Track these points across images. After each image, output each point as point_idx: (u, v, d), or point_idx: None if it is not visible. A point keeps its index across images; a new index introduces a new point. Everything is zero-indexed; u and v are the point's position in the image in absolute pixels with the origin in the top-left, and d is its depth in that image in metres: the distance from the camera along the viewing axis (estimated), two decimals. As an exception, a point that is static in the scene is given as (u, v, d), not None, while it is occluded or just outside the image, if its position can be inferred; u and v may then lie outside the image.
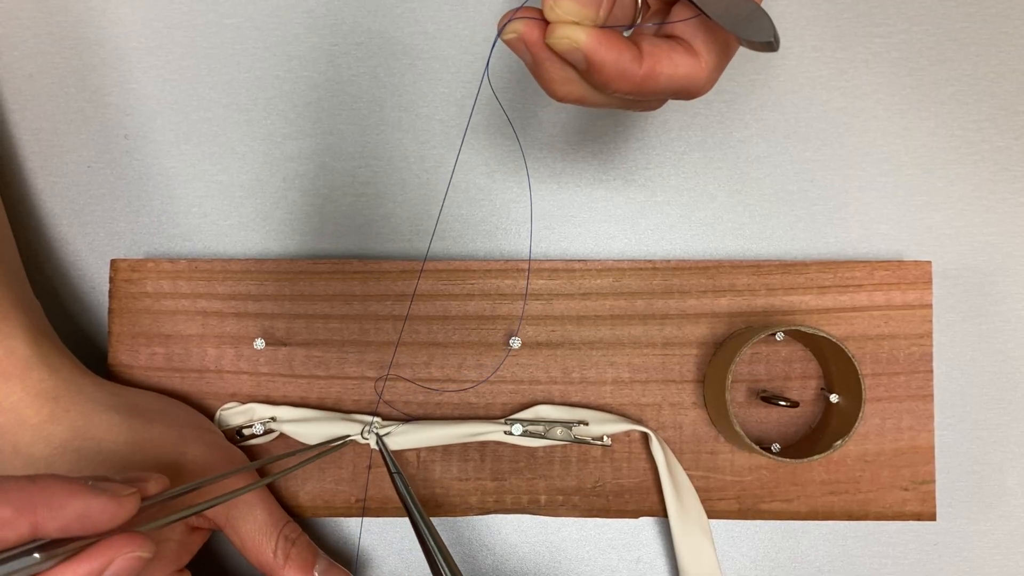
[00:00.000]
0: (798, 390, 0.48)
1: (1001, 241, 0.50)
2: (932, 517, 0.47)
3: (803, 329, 0.44)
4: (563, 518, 0.48)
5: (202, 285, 0.48)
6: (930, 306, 0.48)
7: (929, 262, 0.48)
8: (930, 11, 0.50)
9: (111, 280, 0.48)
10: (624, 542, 0.49)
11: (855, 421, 0.43)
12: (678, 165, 0.50)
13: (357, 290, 0.48)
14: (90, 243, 0.50)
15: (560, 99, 0.35)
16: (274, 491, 0.47)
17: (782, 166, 0.50)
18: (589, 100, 0.35)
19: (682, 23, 0.34)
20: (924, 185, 0.50)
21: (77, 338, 0.49)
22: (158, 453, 0.42)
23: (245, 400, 0.47)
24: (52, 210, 0.50)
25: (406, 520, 0.48)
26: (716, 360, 0.47)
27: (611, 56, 0.32)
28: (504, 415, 0.47)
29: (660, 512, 0.47)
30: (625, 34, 0.34)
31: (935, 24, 0.50)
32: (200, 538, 0.44)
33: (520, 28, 0.33)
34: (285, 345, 0.47)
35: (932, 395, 0.47)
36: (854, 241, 0.50)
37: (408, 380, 0.47)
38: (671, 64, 0.33)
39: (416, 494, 0.47)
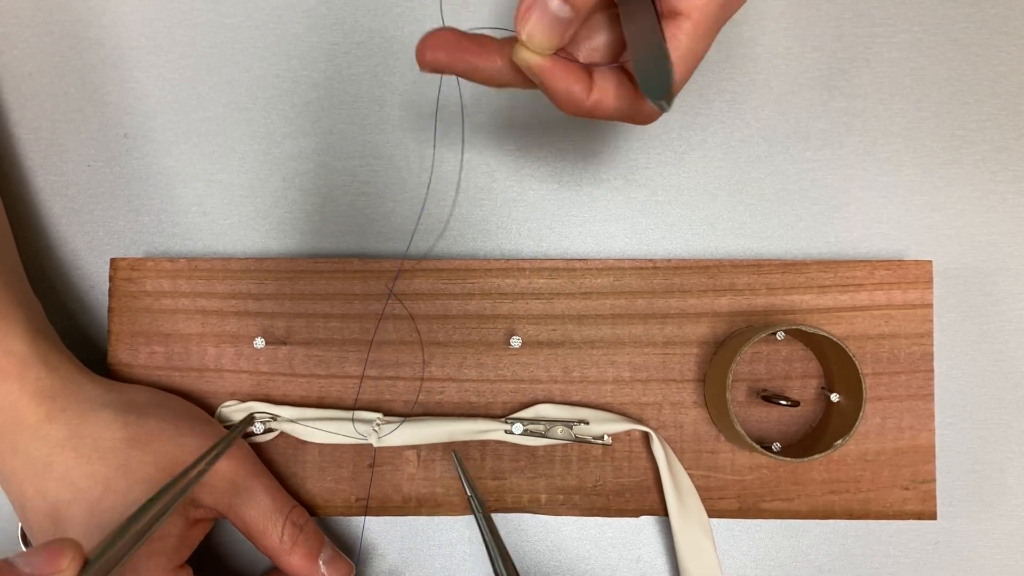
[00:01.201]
0: (799, 389, 0.48)
1: (1002, 241, 0.50)
2: (933, 516, 0.47)
3: (804, 328, 0.44)
4: (564, 517, 0.48)
5: (202, 284, 0.48)
6: (931, 305, 0.48)
7: (930, 261, 0.48)
8: (931, 12, 0.50)
9: (111, 279, 0.47)
10: (625, 541, 0.49)
11: (856, 420, 0.43)
12: (679, 164, 0.50)
13: (357, 289, 0.48)
14: (90, 242, 0.50)
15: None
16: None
17: (783, 165, 0.50)
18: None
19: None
20: (925, 185, 0.50)
21: (76, 337, 0.49)
22: (155, 447, 0.42)
23: (245, 399, 0.47)
24: (52, 209, 0.50)
25: (406, 519, 0.48)
26: (717, 359, 0.47)
27: (561, 86, 0.35)
28: (504, 414, 0.47)
29: (661, 511, 0.47)
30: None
31: (936, 24, 0.50)
32: (201, 531, 0.44)
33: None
34: (285, 344, 0.47)
35: (933, 394, 0.47)
36: (855, 240, 0.50)
37: (408, 379, 0.47)
38: (616, 98, 0.36)
39: (416, 493, 0.47)
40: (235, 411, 0.47)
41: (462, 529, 0.48)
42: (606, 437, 0.47)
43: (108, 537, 0.35)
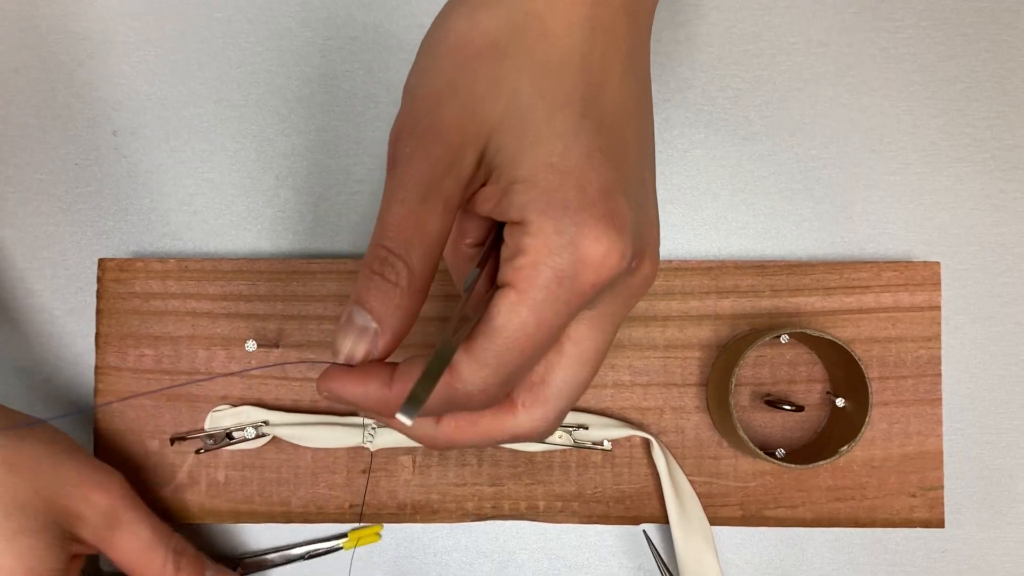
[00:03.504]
0: (803, 394, 0.47)
1: (1011, 241, 0.49)
2: (940, 524, 0.46)
3: (808, 331, 0.43)
4: (562, 524, 0.47)
5: (192, 285, 0.46)
6: (939, 308, 0.47)
7: (938, 263, 0.47)
8: (939, 6, 0.49)
9: (99, 280, 0.46)
10: (625, 549, 0.47)
11: (862, 426, 0.42)
12: (681, 163, 0.49)
13: (351, 290, 0.46)
14: (77, 242, 0.49)
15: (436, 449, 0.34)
16: (264, 495, 0.46)
17: (787, 164, 0.49)
18: (457, 444, 0.32)
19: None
20: (932, 184, 0.49)
21: (63, 339, 0.48)
22: (32, 472, 0.39)
23: (236, 403, 0.46)
24: (39, 208, 0.49)
25: (400, 526, 0.47)
26: (719, 363, 0.46)
27: (358, 389, 0.30)
28: (502, 419, 0.46)
29: (662, 519, 0.46)
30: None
31: (944, 19, 0.49)
32: (77, 566, 0.42)
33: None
34: (277, 347, 0.46)
35: (941, 399, 0.46)
36: (861, 241, 0.49)
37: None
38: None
39: (412, 500, 0.46)
40: (226, 415, 0.46)
41: (458, 536, 0.47)
42: (606, 442, 0.46)
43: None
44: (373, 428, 0.45)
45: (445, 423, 0.31)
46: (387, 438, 0.45)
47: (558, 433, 0.45)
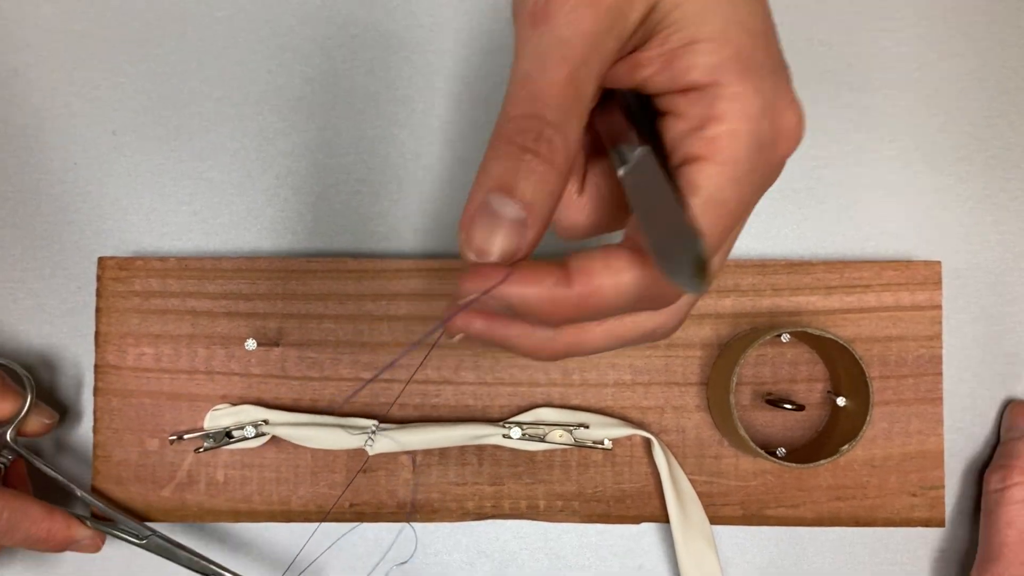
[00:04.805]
0: (804, 393, 0.47)
1: (1012, 240, 0.49)
2: (941, 523, 0.46)
3: (809, 330, 0.43)
4: (563, 524, 0.47)
5: (192, 284, 0.46)
6: (939, 307, 0.47)
7: (938, 262, 0.47)
8: (940, 5, 0.49)
9: (99, 278, 0.46)
10: (626, 549, 0.47)
11: (862, 425, 0.42)
12: (681, 162, 0.49)
13: (351, 289, 0.46)
14: (77, 241, 0.48)
15: (552, 359, 0.29)
16: (263, 494, 0.45)
17: (788, 163, 0.48)
18: (581, 348, 0.28)
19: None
20: (934, 183, 0.49)
21: (63, 339, 0.48)
22: None
23: (236, 402, 0.46)
24: (38, 208, 0.49)
25: (400, 525, 0.47)
26: (720, 362, 0.46)
27: (531, 290, 0.25)
28: (502, 418, 0.46)
29: (662, 518, 0.46)
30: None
31: (944, 19, 0.49)
32: None
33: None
34: (277, 346, 0.46)
35: (941, 398, 0.46)
36: (862, 240, 0.49)
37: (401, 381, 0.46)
38: (611, 272, 0.25)
39: (412, 499, 0.46)
40: (225, 414, 0.45)
41: (458, 536, 0.47)
42: (606, 441, 0.46)
43: None
44: (373, 431, 0.45)
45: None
46: (387, 443, 0.45)
47: (559, 432, 0.45)
